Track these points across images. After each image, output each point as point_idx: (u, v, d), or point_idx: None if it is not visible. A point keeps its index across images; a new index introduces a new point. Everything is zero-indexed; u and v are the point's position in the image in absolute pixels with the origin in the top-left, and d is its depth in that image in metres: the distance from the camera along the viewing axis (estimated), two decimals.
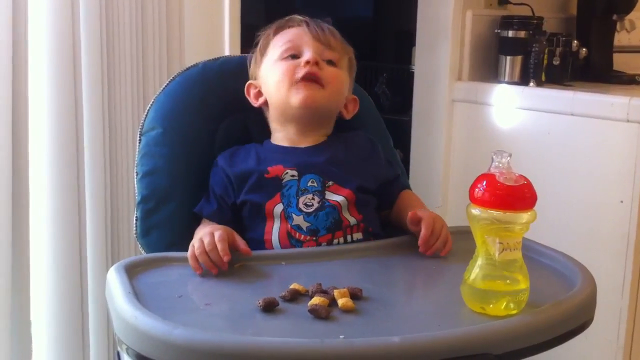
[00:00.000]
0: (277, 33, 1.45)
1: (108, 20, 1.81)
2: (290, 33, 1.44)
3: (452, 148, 2.49)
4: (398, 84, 3.19)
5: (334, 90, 1.41)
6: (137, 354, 0.95)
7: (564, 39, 2.42)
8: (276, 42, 1.44)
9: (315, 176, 1.36)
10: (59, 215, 1.82)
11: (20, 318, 1.80)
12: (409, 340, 0.92)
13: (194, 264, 1.18)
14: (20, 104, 1.71)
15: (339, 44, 1.45)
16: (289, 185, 1.34)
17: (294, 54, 1.40)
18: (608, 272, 2.03)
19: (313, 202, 1.33)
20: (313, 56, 1.38)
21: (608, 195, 2.05)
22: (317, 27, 1.43)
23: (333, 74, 1.41)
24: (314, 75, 1.37)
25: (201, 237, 1.20)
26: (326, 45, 1.42)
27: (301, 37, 1.42)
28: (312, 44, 1.41)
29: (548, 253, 1.25)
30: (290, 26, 1.45)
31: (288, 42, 1.42)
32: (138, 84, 1.88)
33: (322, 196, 1.34)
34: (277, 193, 1.34)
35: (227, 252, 1.18)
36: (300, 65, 1.38)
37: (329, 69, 1.41)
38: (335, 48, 1.43)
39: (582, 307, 1.07)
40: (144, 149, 1.43)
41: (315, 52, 1.40)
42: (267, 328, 1.00)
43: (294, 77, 1.38)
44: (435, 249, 1.28)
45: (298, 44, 1.41)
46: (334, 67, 1.42)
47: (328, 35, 1.43)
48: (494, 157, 1.03)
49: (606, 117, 2.05)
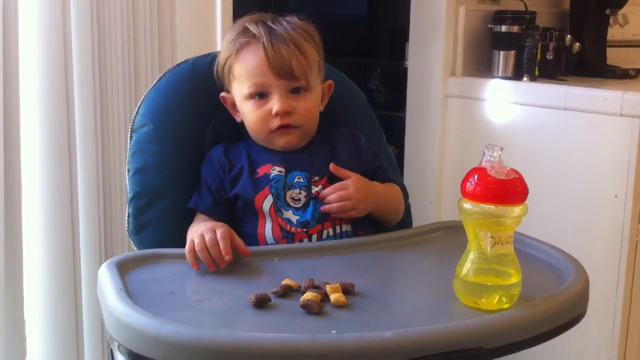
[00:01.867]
0: (236, 57, 1.38)
1: (99, 17, 1.81)
2: (250, 64, 1.36)
3: (446, 143, 2.49)
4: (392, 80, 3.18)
5: (309, 122, 1.40)
6: (128, 351, 0.95)
7: (557, 34, 2.42)
8: (239, 73, 1.38)
9: (302, 173, 1.37)
10: (51, 212, 1.81)
11: (14, 316, 1.80)
12: (402, 335, 0.92)
13: (192, 259, 1.17)
14: (11, 101, 1.71)
15: (303, 62, 1.36)
16: (276, 179, 1.36)
17: (261, 93, 1.36)
18: (602, 267, 2.03)
19: (300, 196, 1.34)
20: (282, 107, 1.34)
21: (602, 190, 2.05)
22: (277, 53, 1.34)
23: (305, 109, 1.38)
24: (287, 124, 1.37)
25: (202, 233, 1.19)
26: (290, 77, 1.35)
27: (263, 74, 1.34)
28: (277, 84, 1.34)
29: (540, 247, 1.25)
30: (246, 48, 1.37)
31: (251, 80, 1.36)
32: (130, 80, 1.88)
33: (308, 190, 1.35)
34: (265, 186, 1.35)
35: (229, 252, 1.17)
36: (271, 114, 1.35)
37: (300, 104, 1.37)
38: (300, 74, 1.35)
39: (574, 300, 1.07)
40: (135, 146, 1.43)
41: (283, 92, 1.35)
42: (259, 324, 1.00)
43: (268, 127, 1.37)
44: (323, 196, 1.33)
45: (261, 82, 1.35)
46: (304, 93, 1.37)
47: (289, 60, 1.34)
48: (486, 151, 1.03)
49: (600, 112, 2.05)
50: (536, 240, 1.27)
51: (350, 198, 1.33)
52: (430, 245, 1.34)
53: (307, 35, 1.40)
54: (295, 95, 1.37)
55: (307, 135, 1.41)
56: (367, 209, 1.36)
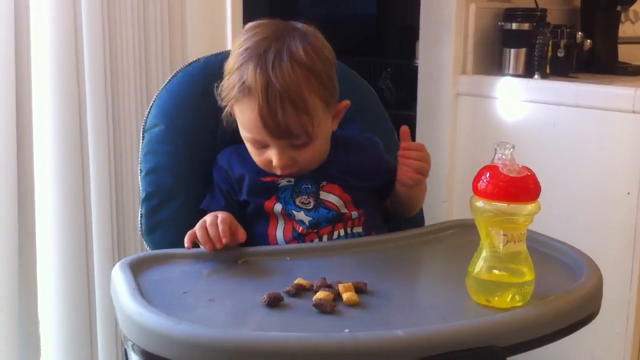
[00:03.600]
0: (237, 101, 1.29)
1: (110, 17, 1.81)
2: (246, 118, 1.28)
3: (457, 142, 2.48)
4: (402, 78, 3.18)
5: (314, 165, 1.35)
6: (142, 350, 0.95)
7: (568, 31, 2.41)
8: (239, 116, 1.31)
9: (310, 180, 1.36)
10: (64, 213, 1.82)
11: (28, 317, 1.81)
12: (414, 333, 0.92)
13: (188, 241, 1.20)
14: (24, 102, 1.72)
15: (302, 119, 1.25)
16: (284, 189, 1.35)
17: (260, 142, 1.30)
18: (615, 264, 2.02)
19: (310, 200, 1.34)
20: (281, 163, 1.29)
21: (615, 187, 2.04)
22: (272, 114, 1.23)
23: (307, 159, 1.32)
24: (288, 175, 1.33)
25: (204, 218, 1.22)
26: (287, 137, 1.27)
27: (260, 132, 1.27)
28: (274, 143, 1.28)
29: (553, 244, 1.24)
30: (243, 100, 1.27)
31: (250, 134, 1.30)
32: (141, 80, 1.88)
33: (317, 196, 1.35)
34: (273, 195, 1.35)
35: (227, 234, 1.19)
36: (273, 164, 1.30)
37: (301, 155, 1.30)
38: (299, 131, 1.26)
39: (588, 298, 1.06)
40: (147, 146, 1.43)
41: (281, 149, 1.28)
42: (272, 323, 1.00)
43: (270, 169, 1.33)
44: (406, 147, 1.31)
45: (258, 139, 1.29)
46: (305, 147, 1.30)
47: (285, 121, 1.24)
48: (497, 148, 1.03)
49: (611, 109, 2.04)
50: (549, 238, 1.26)
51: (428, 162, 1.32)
52: (442, 243, 1.33)
53: (312, 75, 1.27)
54: (296, 149, 1.30)
55: (312, 167, 1.35)
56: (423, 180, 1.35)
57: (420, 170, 1.32)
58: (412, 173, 1.31)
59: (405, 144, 1.33)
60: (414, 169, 1.31)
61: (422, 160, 1.32)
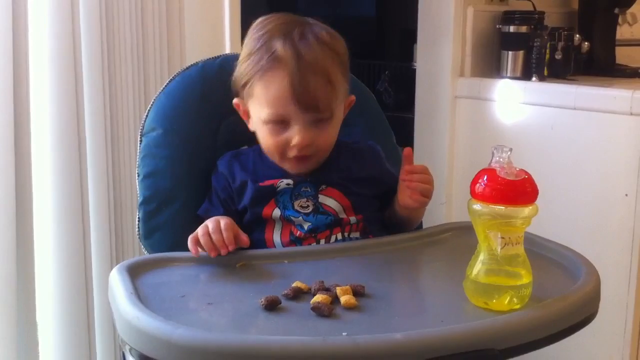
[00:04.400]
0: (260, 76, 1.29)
1: (108, 20, 1.81)
2: (273, 91, 1.27)
3: (456, 144, 2.49)
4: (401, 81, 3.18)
5: (326, 151, 1.35)
6: (140, 354, 0.95)
7: (565, 33, 2.42)
8: (260, 95, 1.30)
9: (309, 183, 1.36)
10: (62, 216, 1.82)
11: (27, 320, 1.80)
12: (412, 336, 0.92)
13: (193, 246, 1.19)
14: (21, 106, 1.71)
15: (330, 93, 1.29)
16: (283, 192, 1.35)
17: (280, 122, 1.30)
18: (614, 266, 2.02)
19: (308, 204, 1.34)
20: (302, 141, 1.28)
21: (613, 189, 2.05)
22: (303, 83, 1.25)
23: (325, 140, 1.32)
24: (305, 156, 1.32)
25: (205, 223, 1.21)
26: (314, 110, 1.27)
27: (286, 104, 1.26)
28: (300, 116, 1.27)
29: (551, 247, 1.24)
30: (272, 70, 1.27)
31: (273, 109, 1.28)
32: (139, 84, 1.88)
33: (315, 199, 1.34)
34: (271, 199, 1.34)
35: (232, 242, 1.19)
36: (289, 143, 1.30)
37: (321, 135, 1.31)
38: (325, 107, 1.28)
39: (586, 300, 1.06)
40: (145, 150, 1.43)
41: (305, 124, 1.28)
42: (270, 327, 1.00)
43: (283, 154, 1.32)
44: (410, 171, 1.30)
45: (282, 113, 1.28)
46: (325, 123, 1.31)
47: (315, 92, 1.26)
48: (495, 152, 1.03)
49: (609, 111, 2.05)
50: (547, 241, 1.26)
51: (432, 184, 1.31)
52: (440, 246, 1.33)
53: (335, 55, 1.31)
54: (317, 126, 1.30)
55: (320, 162, 1.36)
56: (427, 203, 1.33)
57: (425, 193, 1.30)
58: (417, 195, 1.29)
59: (409, 166, 1.31)
60: (419, 192, 1.30)
61: (426, 183, 1.30)
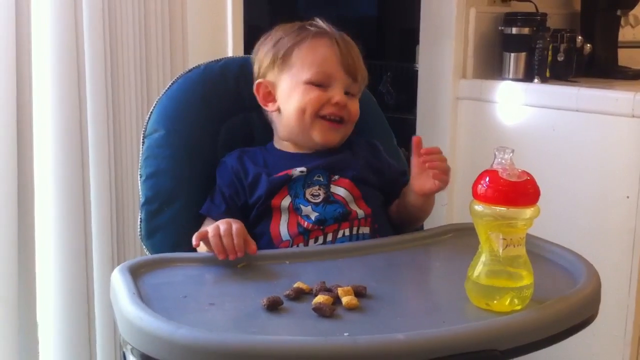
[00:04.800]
0: (303, 43, 1.39)
1: (111, 23, 1.82)
2: (321, 53, 1.39)
3: (457, 146, 2.49)
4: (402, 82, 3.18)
5: (352, 124, 1.43)
6: (142, 354, 0.95)
7: (568, 35, 2.41)
8: (304, 58, 1.39)
9: (322, 171, 1.37)
10: (64, 217, 1.82)
11: (27, 320, 1.81)
12: (414, 337, 0.92)
13: (196, 240, 1.19)
14: (24, 108, 1.72)
15: (362, 73, 1.43)
16: (296, 180, 1.36)
17: (322, 83, 1.38)
18: (615, 268, 2.02)
19: (320, 192, 1.35)
20: (343, 98, 1.38)
21: (614, 191, 2.04)
22: (348, 54, 1.40)
23: (354, 111, 1.41)
24: (340, 117, 1.39)
25: (217, 224, 1.20)
26: (353, 79, 1.40)
27: (333, 65, 1.38)
28: (342, 78, 1.38)
29: (552, 249, 1.25)
30: (318, 38, 1.40)
31: (320, 68, 1.37)
32: (142, 86, 1.89)
33: (327, 189, 1.35)
34: (284, 186, 1.35)
35: (242, 249, 1.18)
36: (328, 102, 1.37)
37: (352, 105, 1.40)
38: (359, 81, 1.42)
39: (586, 302, 1.06)
40: (147, 151, 1.44)
41: (344, 88, 1.39)
42: (272, 327, 1.00)
43: (319, 112, 1.38)
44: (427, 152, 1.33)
45: (329, 72, 1.38)
46: (353, 97, 1.42)
47: (356, 63, 1.41)
48: (497, 153, 1.03)
49: (611, 113, 2.05)
50: (548, 242, 1.26)
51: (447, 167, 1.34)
52: (441, 247, 1.34)
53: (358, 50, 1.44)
54: (350, 96, 1.41)
55: (345, 136, 1.43)
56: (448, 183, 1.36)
57: (447, 172, 1.33)
58: (441, 175, 1.32)
59: (425, 149, 1.34)
60: (443, 171, 1.33)
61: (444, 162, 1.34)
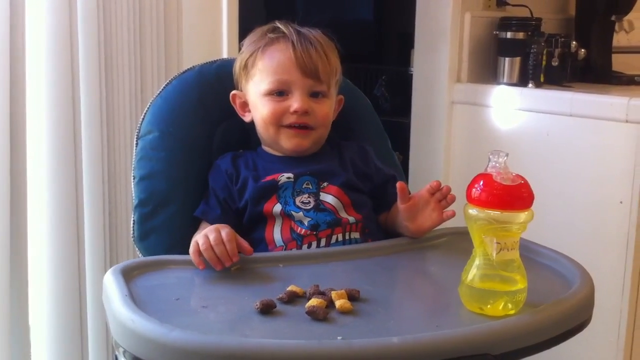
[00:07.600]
0: (259, 52, 1.39)
1: (106, 23, 1.81)
2: (276, 60, 1.37)
3: (452, 150, 2.49)
4: (397, 86, 3.18)
5: (323, 127, 1.41)
6: (134, 357, 0.95)
7: (562, 40, 2.42)
8: (262, 68, 1.38)
9: (310, 178, 1.37)
10: (56, 219, 1.82)
11: (19, 323, 1.80)
12: (408, 341, 0.92)
13: (196, 259, 1.17)
14: (18, 109, 1.71)
15: (327, 68, 1.39)
16: (284, 187, 1.35)
17: (281, 91, 1.37)
18: (608, 273, 2.02)
19: (310, 200, 1.34)
20: (302, 106, 1.35)
21: (608, 196, 2.05)
22: (305, 52, 1.36)
23: (322, 112, 1.39)
24: (303, 124, 1.37)
25: (205, 233, 1.19)
26: (315, 79, 1.37)
27: (288, 71, 1.36)
28: (300, 82, 1.36)
29: (546, 253, 1.25)
30: (273, 44, 1.39)
31: (274, 77, 1.37)
32: (136, 87, 1.88)
33: (317, 197, 1.35)
34: (273, 195, 1.35)
35: (235, 253, 1.17)
36: (289, 110, 1.36)
37: (318, 107, 1.38)
38: (324, 78, 1.38)
39: (580, 307, 1.06)
40: (141, 153, 1.43)
41: (305, 92, 1.37)
42: (265, 330, 1.00)
43: (280, 122, 1.37)
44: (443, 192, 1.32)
45: (284, 79, 1.36)
46: (322, 98, 1.39)
47: (316, 61, 1.37)
48: (491, 157, 1.03)
49: (605, 118, 2.05)
50: (542, 247, 1.26)
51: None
52: (435, 251, 1.33)
53: (331, 47, 1.42)
54: (315, 99, 1.38)
55: (318, 140, 1.41)
56: None
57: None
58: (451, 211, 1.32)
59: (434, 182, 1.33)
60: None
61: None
